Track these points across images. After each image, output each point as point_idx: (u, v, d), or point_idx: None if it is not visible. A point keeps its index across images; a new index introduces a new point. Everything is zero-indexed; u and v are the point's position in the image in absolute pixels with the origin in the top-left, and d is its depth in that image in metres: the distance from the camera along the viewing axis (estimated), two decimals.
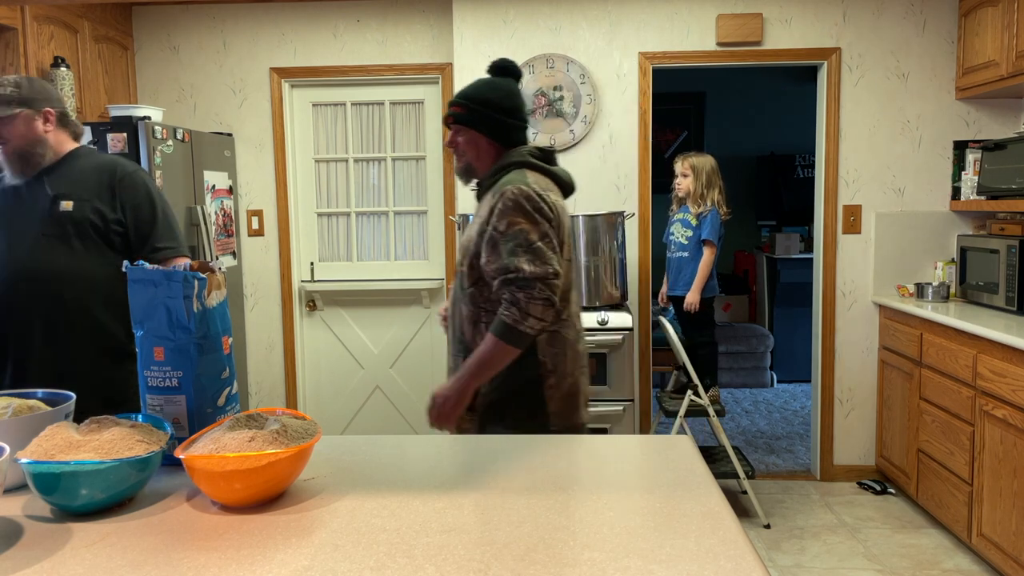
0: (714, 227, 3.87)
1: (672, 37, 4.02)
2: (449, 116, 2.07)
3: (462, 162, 2.09)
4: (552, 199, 1.95)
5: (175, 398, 1.45)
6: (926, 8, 3.94)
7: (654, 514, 1.20)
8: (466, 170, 2.10)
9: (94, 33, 3.84)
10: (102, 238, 2.19)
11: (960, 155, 3.96)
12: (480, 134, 2.04)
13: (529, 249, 1.88)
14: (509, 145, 2.06)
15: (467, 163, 2.08)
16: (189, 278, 1.45)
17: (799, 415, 5.34)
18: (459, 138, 2.06)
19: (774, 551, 3.31)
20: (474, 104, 2.04)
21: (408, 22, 4.25)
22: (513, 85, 2.09)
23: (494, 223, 1.91)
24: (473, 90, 2.06)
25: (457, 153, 2.09)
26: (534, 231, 1.89)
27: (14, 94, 2.16)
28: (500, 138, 2.05)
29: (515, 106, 2.07)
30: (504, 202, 1.90)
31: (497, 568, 1.03)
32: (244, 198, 4.37)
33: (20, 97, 2.17)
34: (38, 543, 1.13)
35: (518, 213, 1.89)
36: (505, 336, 1.88)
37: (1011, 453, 2.84)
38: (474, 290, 1.98)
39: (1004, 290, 3.37)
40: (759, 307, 6.56)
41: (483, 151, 2.06)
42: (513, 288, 1.88)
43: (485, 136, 2.04)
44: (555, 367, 2.00)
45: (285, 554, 1.08)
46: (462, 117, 2.04)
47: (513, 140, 2.06)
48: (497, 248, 1.90)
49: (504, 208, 1.90)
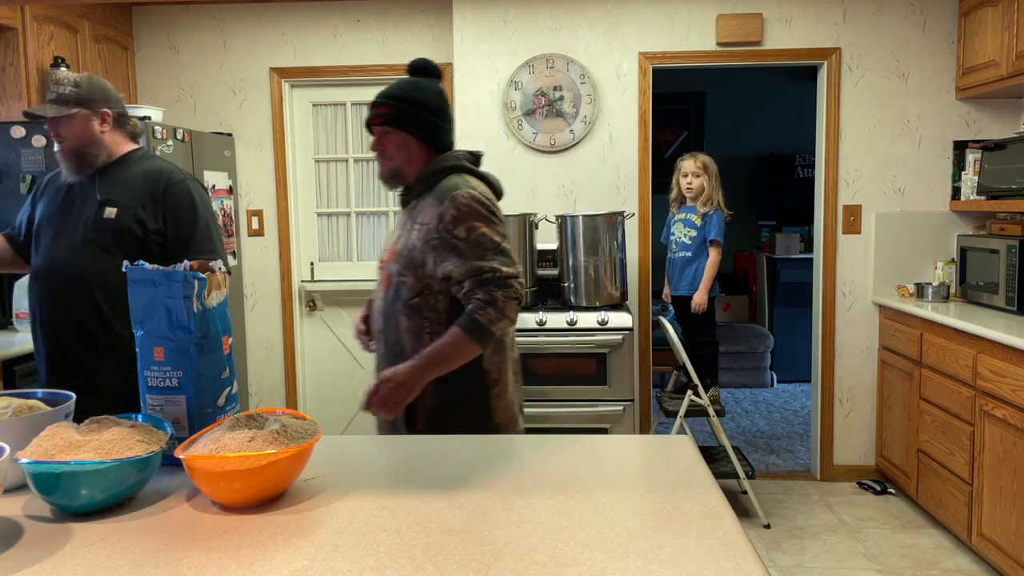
0: (720, 227, 3.87)
1: (672, 37, 4.02)
2: (375, 118, 1.97)
3: (389, 167, 1.98)
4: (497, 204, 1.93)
5: (175, 398, 1.45)
6: (926, 8, 3.94)
7: (654, 514, 1.20)
8: (394, 175, 1.99)
9: (94, 33, 3.84)
10: (140, 246, 2.17)
11: (960, 155, 3.96)
12: (411, 136, 1.96)
13: (498, 250, 1.86)
14: (440, 148, 2.00)
15: (396, 168, 1.98)
16: (189, 278, 1.45)
17: (799, 415, 5.34)
18: (387, 141, 1.97)
19: (774, 551, 3.31)
20: (404, 105, 1.95)
21: (408, 22, 4.26)
22: (439, 85, 2.02)
23: (449, 229, 1.85)
24: (400, 90, 1.97)
25: (384, 157, 1.98)
26: (495, 234, 1.87)
27: (73, 94, 2.17)
28: (431, 141, 1.98)
29: (444, 106, 2.00)
30: (458, 208, 1.85)
31: (497, 568, 1.03)
32: (244, 198, 4.37)
33: (78, 97, 2.17)
34: (38, 543, 1.13)
35: (475, 217, 1.85)
36: (476, 334, 1.83)
37: (1011, 453, 2.84)
38: (419, 300, 1.90)
39: (1004, 290, 3.37)
40: (759, 307, 6.56)
41: (414, 155, 1.97)
42: (491, 288, 1.84)
43: (416, 139, 1.96)
44: (499, 376, 1.97)
45: (285, 554, 1.08)
46: (391, 119, 1.95)
47: (443, 143, 2.00)
48: (461, 254, 1.85)
49: (459, 214, 1.85)
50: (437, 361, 1.85)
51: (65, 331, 2.19)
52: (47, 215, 2.25)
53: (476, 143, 4.10)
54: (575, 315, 3.46)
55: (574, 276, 3.58)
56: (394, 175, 1.99)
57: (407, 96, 1.96)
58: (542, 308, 3.56)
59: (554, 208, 4.07)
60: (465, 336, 1.84)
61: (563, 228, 3.61)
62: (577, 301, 3.57)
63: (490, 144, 4.10)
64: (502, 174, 4.11)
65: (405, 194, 2.02)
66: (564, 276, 3.65)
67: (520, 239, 3.54)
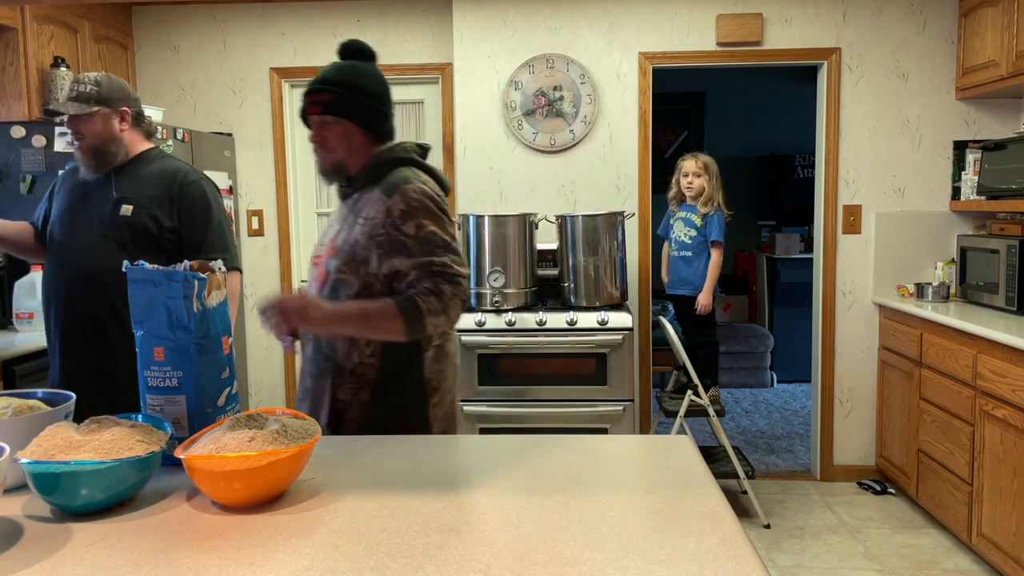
0: (722, 228, 3.86)
1: (672, 37, 4.02)
2: (315, 106, 1.80)
3: (331, 159, 1.83)
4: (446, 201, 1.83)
5: (175, 398, 1.45)
6: (926, 8, 3.94)
7: (654, 514, 1.20)
8: (336, 168, 1.85)
9: (94, 33, 3.84)
10: (155, 244, 2.23)
11: (960, 155, 3.96)
12: (354, 125, 1.81)
13: (448, 248, 1.75)
14: (383, 137, 1.86)
15: (338, 160, 1.83)
16: (189, 278, 1.45)
17: (799, 415, 5.34)
18: (328, 132, 1.81)
19: (774, 551, 3.31)
20: (346, 91, 1.79)
21: (408, 22, 4.25)
22: (377, 68, 1.88)
23: (398, 225, 1.73)
24: (341, 75, 1.81)
25: (325, 149, 1.83)
26: (445, 232, 1.76)
27: (94, 92, 2.21)
28: (375, 129, 1.84)
29: (387, 92, 1.86)
30: (408, 202, 1.74)
31: (497, 568, 1.03)
32: (244, 198, 4.37)
33: (99, 96, 2.22)
34: (38, 543, 1.13)
35: (425, 214, 1.74)
36: (408, 315, 1.68)
37: (1011, 453, 2.84)
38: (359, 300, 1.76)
39: (1004, 290, 3.37)
40: (759, 307, 6.56)
41: (357, 145, 1.83)
42: (440, 280, 1.71)
43: (359, 128, 1.82)
44: (439, 385, 1.86)
45: (285, 554, 1.08)
46: (333, 107, 1.79)
47: (386, 131, 1.87)
48: (410, 251, 1.73)
49: (409, 209, 1.73)
50: (354, 319, 1.71)
51: (80, 325, 2.23)
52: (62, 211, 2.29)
53: (476, 143, 4.10)
54: (575, 315, 3.46)
55: (574, 276, 3.58)
56: (336, 168, 1.85)
57: (349, 81, 1.80)
58: (542, 308, 3.56)
59: (554, 208, 4.07)
60: (395, 312, 1.68)
61: (563, 228, 3.61)
62: (577, 301, 3.57)
63: (490, 144, 4.10)
64: (502, 174, 4.11)
65: (347, 186, 1.88)
66: (564, 276, 3.65)
67: (520, 239, 3.54)
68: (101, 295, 2.22)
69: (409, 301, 1.69)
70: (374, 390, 1.80)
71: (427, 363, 1.84)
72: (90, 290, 2.22)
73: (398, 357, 1.81)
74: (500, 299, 3.51)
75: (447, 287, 1.72)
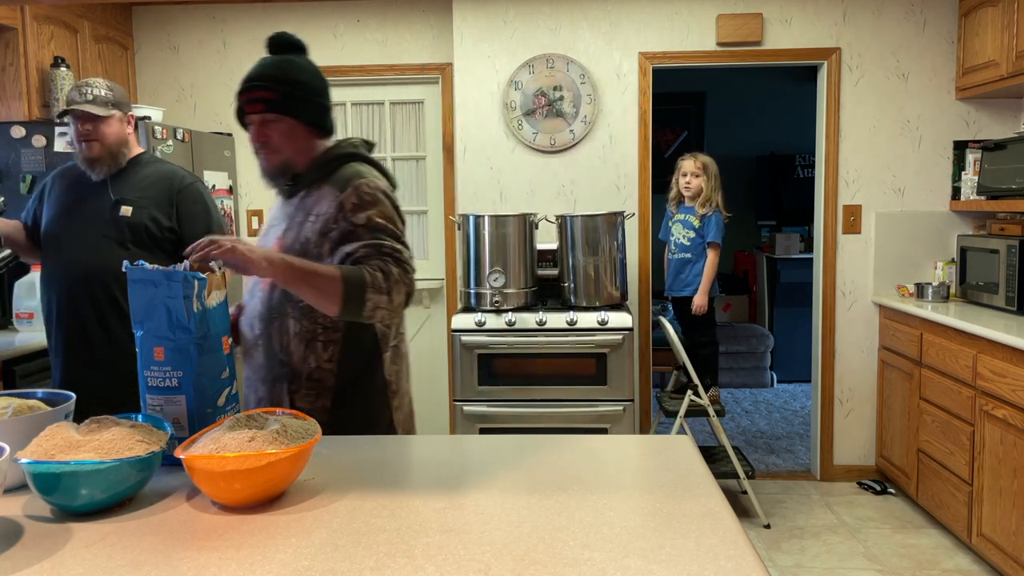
0: (719, 229, 3.86)
1: (672, 37, 4.02)
2: (256, 104, 1.72)
3: (277, 160, 1.75)
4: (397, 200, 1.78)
5: (175, 398, 1.45)
6: (926, 8, 3.94)
7: (654, 514, 1.20)
8: (283, 168, 1.77)
9: (94, 33, 3.84)
10: (156, 244, 2.31)
11: (960, 155, 3.96)
12: (298, 122, 1.74)
13: (399, 240, 1.69)
14: (327, 132, 1.81)
15: (285, 160, 1.76)
16: (189, 278, 1.45)
17: (799, 415, 5.34)
18: (271, 131, 1.73)
19: (774, 551, 3.31)
20: (288, 87, 1.72)
21: (408, 22, 4.25)
22: (311, 61, 1.81)
23: (349, 218, 1.67)
24: (278, 71, 1.73)
25: (269, 150, 1.75)
26: (396, 227, 1.71)
27: (110, 96, 2.31)
28: (319, 125, 1.78)
29: (325, 85, 1.80)
30: (361, 196, 1.68)
31: (497, 568, 1.03)
32: (244, 198, 4.37)
33: (115, 99, 2.32)
34: (38, 543, 1.13)
35: (378, 207, 1.69)
36: (350, 283, 1.57)
37: (1011, 453, 2.84)
38: None
39: (1004, 290, 3.37)
40: (759, 307, 6.56)
41: (302, 142, 1.76)
42: (389, 260, 1.64)
43: (303, 124, 1.75)
44: (398, 387, 1.83)
45: (285, 554, 1.08)
46: (277, 104, 1.71)
47: (330, 126, 1.81)
48: (360, 237, 1.66)
49: (361, 202, 1.68)
50: (299, 273, 1.57)
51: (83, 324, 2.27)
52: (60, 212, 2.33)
53: (476, 143, 4.10)
54: (575, 315, 3.46)
55: (574, 276, 3.58)
56: (283, 168, 1.76)
57: (287, 77, 1.72)
58: (542, 308, 3.56)
59: (554, 208, 4.07)
60: (339, 277, 1.58)
61: (563, 228, 3.61)
62: (577, 301, 3.57)
63: (490, 144, 4.10)
64: (502, 174, 4.11)
65: (292, 184, 1.80)
66: (564, 276, 3.65)
67: (520, 239, 3.54)
68: (103, 294, 2.27)
69: (356, 270, 1.60)
70: (334, 397, 1.74)
71: (386, 364, 1.79)
72: (92, 289, 2.27)
73: (356, 361, 1.75)
74: (500, 299, 3.51)
75: (395, 269, 1.63)
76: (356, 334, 1.75)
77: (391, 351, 1.80)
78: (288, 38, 1.80)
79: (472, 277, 3.56)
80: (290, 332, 1.72)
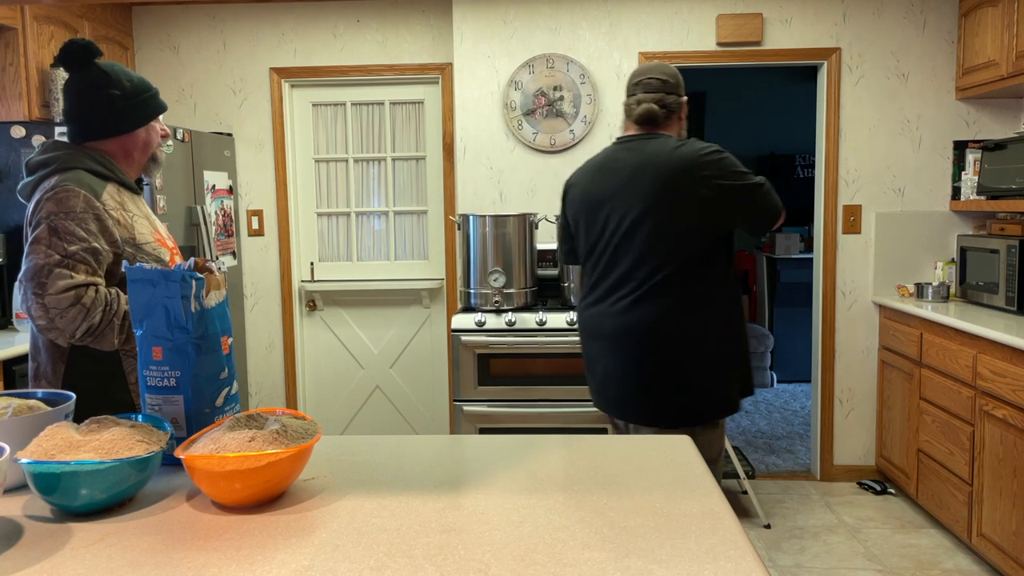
0: None
1: (672, 37, 4.02)
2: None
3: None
4: None
5: (173, 398, 1.45)
6: (926, 8, 3.94)
7: (654, 514, 1.20)
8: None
9: (94, 33, 3.84)
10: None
11: (960, 155, 3.96)
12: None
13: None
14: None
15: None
16: (187, 278, 1.44)
17: (799, 415, 5.34)
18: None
19: (774, 551, 3.31)
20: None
21: (408, 22, 4.25)
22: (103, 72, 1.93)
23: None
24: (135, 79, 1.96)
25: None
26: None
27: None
28: None
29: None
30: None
31: (497, 568, 1.03)
32: (244, 198, 4.37)
33: None
34: (38, 543, 1.13)
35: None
36: None
37: (1011, 453, 2.84)
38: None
39: (1004, 290, 3.37)
40: (759, 307, 6.56)
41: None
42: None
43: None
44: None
45: (285, 554, 1.08)
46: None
47: None
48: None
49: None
50: None
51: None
52: None
53: (476, 143, 4.10)
54: (575, 315, 3.46)
55: (574, 276, 3.58)
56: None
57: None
58: (542, 308, 3.56)
59: (554, 208, 4.07)
60: None
61: None
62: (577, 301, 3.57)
63: (490, 144, 4.10)
64: (502, 174, 4.11)
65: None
66: (564, 276, 3.65)
67: (520, 239, 3.54)
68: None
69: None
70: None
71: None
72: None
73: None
74: (500, 299, 3.51)
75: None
76: None
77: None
78: (82, 44, 1.85)
79: (472, 277, 3.56)
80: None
